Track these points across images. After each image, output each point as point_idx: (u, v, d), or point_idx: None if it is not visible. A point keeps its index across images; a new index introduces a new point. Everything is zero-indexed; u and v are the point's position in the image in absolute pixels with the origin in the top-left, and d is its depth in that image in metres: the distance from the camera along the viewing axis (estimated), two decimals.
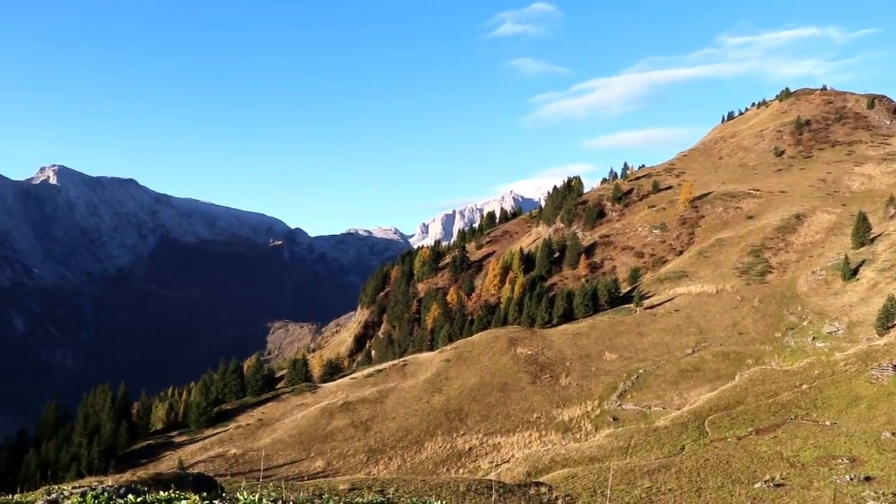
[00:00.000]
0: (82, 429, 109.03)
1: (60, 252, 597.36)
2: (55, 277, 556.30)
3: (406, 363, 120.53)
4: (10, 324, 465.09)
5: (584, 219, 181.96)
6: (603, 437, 66.46)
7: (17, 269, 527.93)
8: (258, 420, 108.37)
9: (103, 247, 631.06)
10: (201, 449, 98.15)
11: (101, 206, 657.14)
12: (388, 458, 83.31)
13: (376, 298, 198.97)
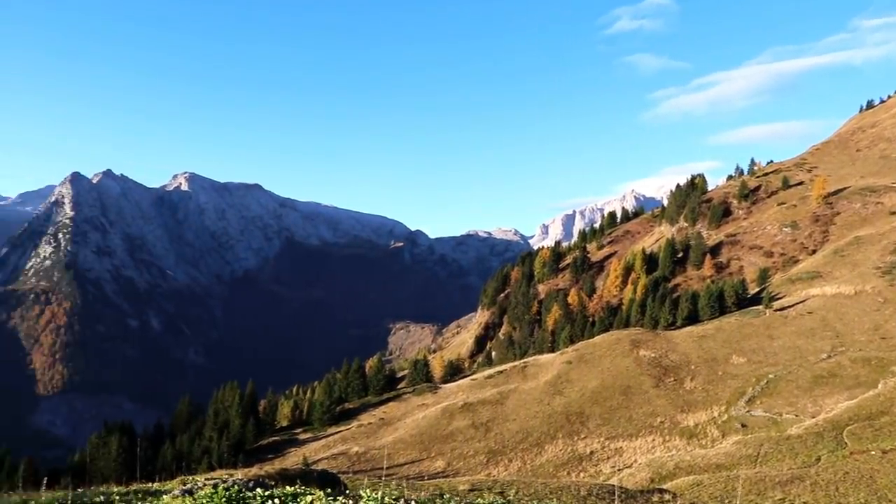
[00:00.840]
0: (213, 424, 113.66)
1: (192, 255, 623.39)
2: (187, 279, 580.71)
3: (526, 365, 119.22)
4: (147, 323, 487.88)
5: (708, 217, 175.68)
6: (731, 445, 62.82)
7: (154, 272, 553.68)
8: (380, 419, 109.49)
9: (231, 250, 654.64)
10: (324, 446, 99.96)
11: (228, 211, 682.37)
12: (509, 459, 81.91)
13: (496, 300, 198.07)
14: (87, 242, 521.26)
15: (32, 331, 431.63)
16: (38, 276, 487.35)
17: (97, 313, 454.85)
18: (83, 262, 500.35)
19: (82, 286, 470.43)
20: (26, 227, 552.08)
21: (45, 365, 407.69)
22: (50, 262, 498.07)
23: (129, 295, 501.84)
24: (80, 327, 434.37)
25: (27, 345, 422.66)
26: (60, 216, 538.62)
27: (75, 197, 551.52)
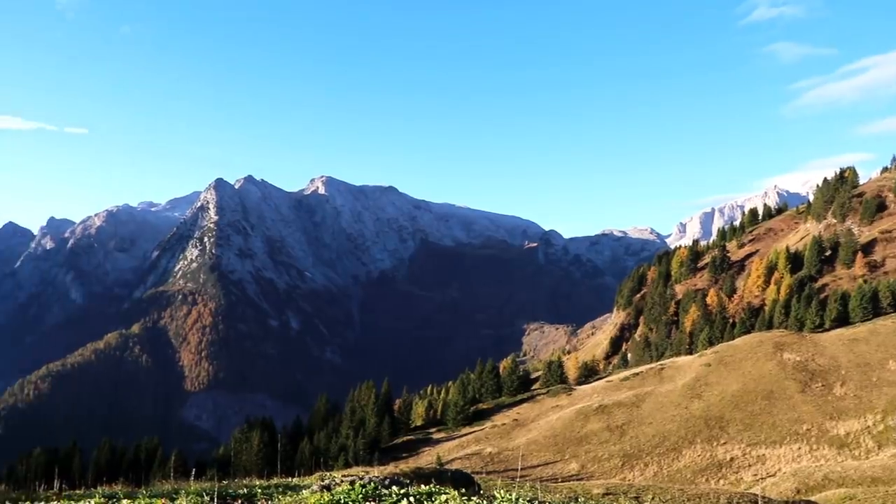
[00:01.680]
0: (349, 421, 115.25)
1: (329, 257, 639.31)
2: (325, 280, 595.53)
3: (663, 367, 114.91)
4: (287, 323, 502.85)
5: (860, 213, 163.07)
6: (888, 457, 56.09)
7: (293, 273, 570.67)
8: (513, 420, 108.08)
9: (367, 251, 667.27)
10: (458, 446, 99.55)
11: (364, 213, 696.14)
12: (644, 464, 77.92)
13: (632, 300, 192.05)
14: (230, 245, 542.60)
15: (181, 330, 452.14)
16: (186, 277, 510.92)
17: (240, 313, 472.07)
18: (226, 264, 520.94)
19: (226, 287, 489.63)
20: (175, 232, 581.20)
21: (193, 362, 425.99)
22: (196, 264, 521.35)
23: (269, 296, 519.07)
24: (224, 327, 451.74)
25: (176, 343, 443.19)
26: (205, 220, 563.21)
27: (219, 202, 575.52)
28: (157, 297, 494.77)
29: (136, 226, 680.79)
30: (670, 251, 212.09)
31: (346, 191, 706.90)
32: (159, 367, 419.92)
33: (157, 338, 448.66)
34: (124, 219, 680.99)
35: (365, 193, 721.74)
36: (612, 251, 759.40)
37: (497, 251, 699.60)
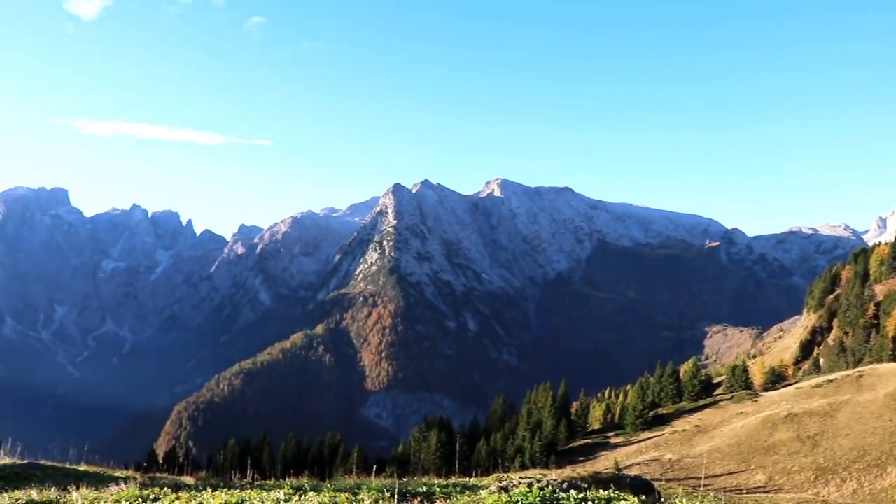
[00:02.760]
0: (525, 423, 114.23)
1: (505, 259, 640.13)
2: (501, 282, 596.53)
3: (862, 374, 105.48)
4: (464, 324, 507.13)
5: None
6: None
7: (469, 275, 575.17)
8: (694, 426, 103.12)
9: (543, 253, 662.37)
10: (636, 451, 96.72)
11: (540, 215, 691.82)
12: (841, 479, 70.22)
13: (825, 302, 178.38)
14: (408, 249, 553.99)
15: (362, 331, 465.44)
16: (366, 280, 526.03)
17: (418, 315, 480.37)
18: (405, 267, 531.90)
19: (405, 290, 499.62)
20: (355, 236, 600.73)
21: (373, 362, 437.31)
22: (376, 267, 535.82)
23: (447, 297, 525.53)
24: (403, 328, 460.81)
25: (357, 343, 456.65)
26: (384, 225, 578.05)
27: (397, 206, 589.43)
28: (340, 299, 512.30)
29: (319, 231, 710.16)
30: (868, 248, 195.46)
31: (521, 192, 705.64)
32: (341, 367, 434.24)
33: (340, 338, 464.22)
34: (308, 224, 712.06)
35: (540, 194, 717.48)
36: (800, 250, 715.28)
37: (677, 251, 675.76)
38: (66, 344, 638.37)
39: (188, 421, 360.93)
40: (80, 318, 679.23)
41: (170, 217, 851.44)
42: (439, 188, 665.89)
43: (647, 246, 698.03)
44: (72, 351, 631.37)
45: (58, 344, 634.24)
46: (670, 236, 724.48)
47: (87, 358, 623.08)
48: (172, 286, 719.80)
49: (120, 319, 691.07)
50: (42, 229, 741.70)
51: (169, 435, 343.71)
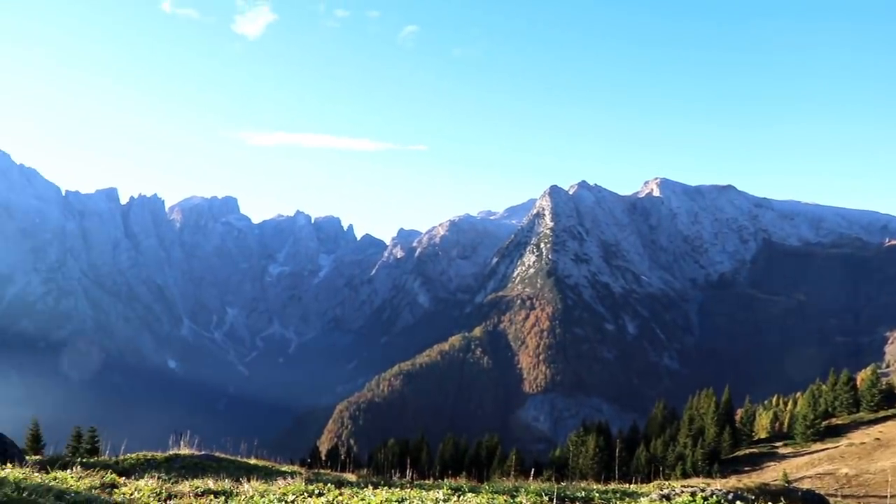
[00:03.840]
0: (687, 430, 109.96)
1: (665, 260, 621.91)
2: (661, 284, 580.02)
3: None
4: (623, 327, 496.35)
5: None
6: None
7: (628, 277, 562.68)
8: (875, 439, 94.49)
9: (705, 254, 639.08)
10: (807, 464, 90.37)
11: (701, 214, 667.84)
12: None
13: None
14: (565, 251, 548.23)
15: (519, 333, 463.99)
16: (524, 283, 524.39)
17: (576, 318, 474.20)
18: (563, 269, 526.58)
19: (562, 292, 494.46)
20: (512, 239, 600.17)
21: (531, 365, 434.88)
22: (533, 270, 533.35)
23: (605, 300, 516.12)
24: (561, 331, 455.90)
25: (515, 346, 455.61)
26: (541, 227, 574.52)
27: (554, 208, 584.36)
28: (497, 302, 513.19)
29: (476, 234, 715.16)
30: None
31: (681, 192, 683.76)
32: (499, 369, 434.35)
33: (497, 341, 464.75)
34: (465, 228, 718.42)
35: (701, 193, 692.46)
36: None
37: (851, 250, 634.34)
38: (236, 344, 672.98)
39: (349, 420, 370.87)
40: (249, 320, 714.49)
41: (332, 222, 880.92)
42: (596, 189, 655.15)
43: (817, 245, 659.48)
44: (241, 351, 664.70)
45: (229, 344, 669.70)
46: (843, 234, 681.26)
47: (256, 358, 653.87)
48: (335, 289, 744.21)
49: (286, 321, 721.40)
50: (215, 236, 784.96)
51: (331, 433, 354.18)
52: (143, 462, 27.81)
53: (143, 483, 17.02)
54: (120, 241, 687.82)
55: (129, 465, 26.81)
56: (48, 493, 12.86)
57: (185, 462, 28.44)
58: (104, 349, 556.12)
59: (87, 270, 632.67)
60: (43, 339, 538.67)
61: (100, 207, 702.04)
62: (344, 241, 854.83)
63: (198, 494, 16.53)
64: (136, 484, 16.80)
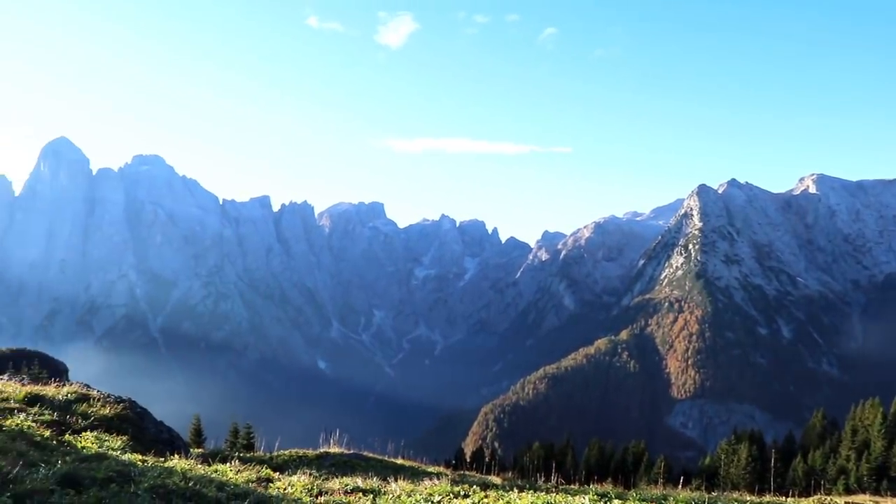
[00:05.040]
0: (850, 442, 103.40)
1: (823, 260, 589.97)
2: (819, 286, 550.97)
3: None
4: (777, 331, 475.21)
5: None
6: None
7: (783, 279, 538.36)
8: None
9: (868, 253, 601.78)
10: None
11: (863, 211, 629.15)
12: None
13: None
14: (715, 252, 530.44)
15: (667, 337, 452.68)
16: (671, 285, 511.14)
17: (727, 321, 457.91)
18: (712, 270, 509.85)
19: (712, 294, 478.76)
20: (659, 240, 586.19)
21: (679, 370, 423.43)
22: (681, 272, 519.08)
23: (757, 303, 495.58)
24: (711, 335, 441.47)
25: (662, 350, 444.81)
26: (689, 228, 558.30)
27: (702, 208, 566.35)
28: (644, 305, 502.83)
29: (621, 236, 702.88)
30: None
31: (840, 188, 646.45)
32: (645, 373, 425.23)
33: (644, 344, 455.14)
34: (611, 229, 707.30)
35: (864, 189, 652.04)
36: None
37: None
38: (383, 346, 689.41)
39: (494, 422, 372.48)
40: (395, 322, 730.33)
41: (476, 226, 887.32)
42: (747, 187, 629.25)
43: None
44: (388, 352, 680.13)
45: (376, 346, 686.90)
46: None
47: (402, 359, 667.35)
48: (480, 292, 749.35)
49: (431, 324, 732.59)
50: (362, 241, 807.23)
51: (476, 435, 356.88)
52: (296, 459, 29.12)
53: (295, 479, 17.72)
54: (272, 246, 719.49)
55: (283, 461, 28.22)
56: (210, 484, 13.81)
57: (335, 460, 29.65)
58: (258, 349, 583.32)
59: (243, 275, 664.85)
60: (203, 340, 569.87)
61: (254, 215, 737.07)
62: (488, 244, 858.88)
63: (347, 492, 17.21)
64: (290, 479, 17.55)
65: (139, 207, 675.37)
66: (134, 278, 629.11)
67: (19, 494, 9.36)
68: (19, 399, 21.23)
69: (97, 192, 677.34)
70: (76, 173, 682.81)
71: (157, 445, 21.66)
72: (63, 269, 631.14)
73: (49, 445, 16.04)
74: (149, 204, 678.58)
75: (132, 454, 17.22)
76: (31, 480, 10.39)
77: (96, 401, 23.82)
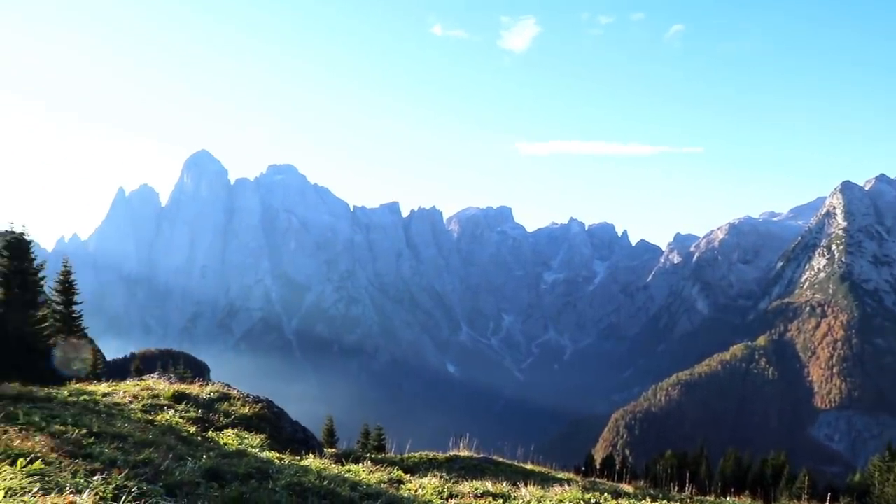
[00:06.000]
0: None
1: None
2: None
3: None
4: None
5: None
6: None
7: None
8: None
9: None
10: None
11: None
12: None
13: None
14: (862, 252, 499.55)
15: (809, 343, 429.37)
16: (813, 288, 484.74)
17: (876, 326, 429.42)
18: (859, 272, 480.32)
19: (859, 298, 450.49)
20: (799, 241, 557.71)
21: (823, 378, 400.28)
22: (824, 274, 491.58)
23: None
24: (859, 341, 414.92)
25: (804, 357, 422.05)
26: (832, 227, 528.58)
27: (847, 206, 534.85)
28: (783, 309, 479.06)
29: (758, 237, 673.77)
30: None
31: None
32: (785, 382, 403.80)
33: (784, 351, 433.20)
34: (746, 230, 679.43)
35: None
36: None
37: None
38: (512, 350, 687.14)
39: (625, 429, 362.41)
40: (524, 327, 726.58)
41: (605, 229, 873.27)
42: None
43: None
44: (517, 356, 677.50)
45: (505, 350, 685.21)
46: None
47: (531, 364, 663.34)
48: (609, 296, 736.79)
49: (560, 328, 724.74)
50: (490, 245, 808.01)
51: (606, 442, 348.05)
52: (426, 461, 29.67)
53: (426, 481, 17.83)
54: (402, 251, 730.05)
55: (413, 462, 28.80)
56: (344, 484, 14.10)
57: (465, 463, 29.86)
58: (389, 353, 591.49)
59: (373, 279, 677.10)
60: (336, 343, 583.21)
61: (384, 220, 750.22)
62: (618, 247, 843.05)
63: (477, 496, 17.14)
64: (420, 481, 17.70)
65: (274, 215, 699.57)
66: (269, 283, 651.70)
67: (170, 485, 10.41)
68: (168, 396, 22.78)
69: (235, 201, 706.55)
70: (216, 184, 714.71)
71: (292, 444, 22.62)
72: (204, 274, 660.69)
73: (194, 441, 17.12)
74: (283, 212, 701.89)
75: (270, 452, 17.95)
76: (180, 472, 11.25)
77: (236, 400, 25.22)
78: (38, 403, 17.10)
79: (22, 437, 11.16)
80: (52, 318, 39.97)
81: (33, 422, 13.68)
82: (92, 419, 15.57)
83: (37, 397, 18.30)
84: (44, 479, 7.77)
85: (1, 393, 17.56)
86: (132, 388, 23.55)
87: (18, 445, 10.33)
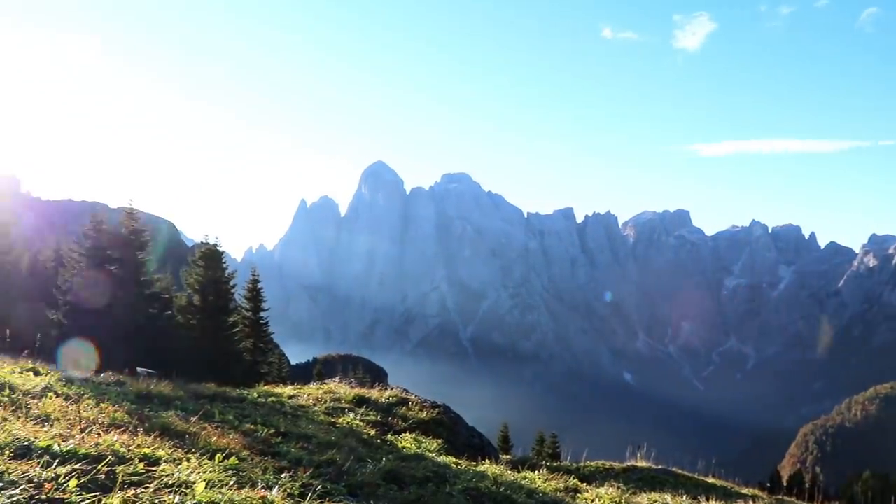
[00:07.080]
0: None
1: None
2: None
3: None
4: None
5: None
6: None
7: None
8: None
9: None
10: None
11: None
12: None
13: None
14: None
15: None
16: None
17: None
18: None
19: None
20: None
21: None
22: None
23: None
24: None
25: None
26: None
27: None
28: None
29: None
30: None
31: None
32: None
33: None
34: None
35: None
36: None
37: None
38: (690, 359, 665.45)
39: (814, 445, 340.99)
40: (704, 334, 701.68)
41: (791, 231, 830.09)
42: None
43: None
44: (696, 365, 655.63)
45: (683, 358, 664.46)
46: None
47: (711, 373, 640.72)
48: (796, 302, 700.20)
49: (743, 336, 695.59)
50: (667, 250, 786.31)
51: (793, 458, 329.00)
52: (602, 471, 29.40)
53: (602, 491, 17.45)
54: (576, 257, 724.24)
55: (589, 472, 28.42)
56: (520, 491, 14.08)
57: (643, 474, 28.90)
58: (564, 360, 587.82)
59: (548, 286, 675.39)
60: (511, 350, 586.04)
61: (557, 226, 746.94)
62: (806, 250, 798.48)
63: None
64: (597, 491, 17.34)
65: (448, 223, 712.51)
66: (445, 290, 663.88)
67: (352, 485, 10.91)
68: (349, 400, 23.67)
69: (410, 209, 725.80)
70: (392, 193, 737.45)
71: (468, 450, 22.51)
72: (382, 282, 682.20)
73: (374, 443, 17.57)
74: (457, 219, 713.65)
75: (446, 456, 18.03)
76: (361, 474, 11.73)
77: (414, 404, 25.70)
78: (231, 403, 18.04)
79: (218, 434, 11.89)
80: (241, 324, 41.74)
81: (227, 420, 14.44)
82: (279, 419, 16.29)
83: (230, 397, 19.23)
84: (238, 474, 8.41)
85: (199, 393, 18.31)
86: (315, 392, 24.71)
87: (216, 442, 11.01)
